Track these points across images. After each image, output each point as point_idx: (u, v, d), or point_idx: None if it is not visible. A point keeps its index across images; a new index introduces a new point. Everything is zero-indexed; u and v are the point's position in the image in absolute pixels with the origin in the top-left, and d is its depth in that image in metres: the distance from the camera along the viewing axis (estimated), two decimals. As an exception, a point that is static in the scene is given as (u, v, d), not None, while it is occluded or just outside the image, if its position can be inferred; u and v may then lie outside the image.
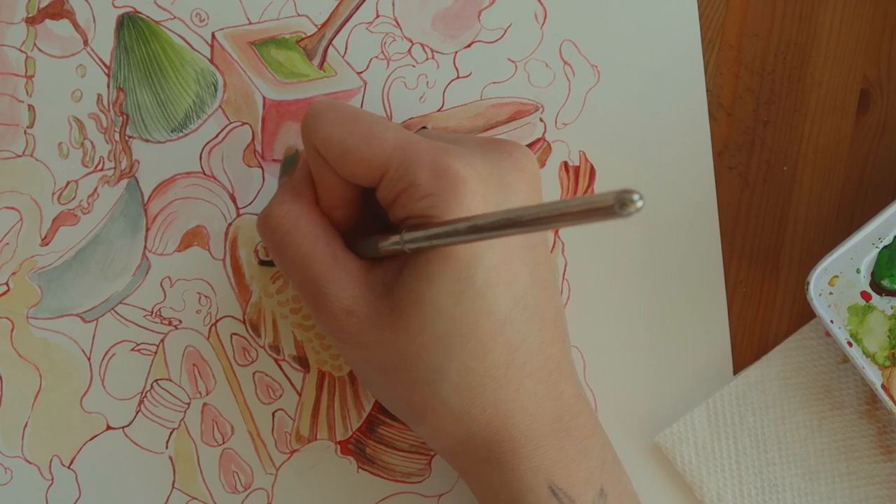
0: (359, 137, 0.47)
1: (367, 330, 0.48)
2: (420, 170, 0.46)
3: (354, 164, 0.47)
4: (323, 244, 0.49)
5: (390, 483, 0.58)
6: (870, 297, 0.54)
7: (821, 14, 0.58)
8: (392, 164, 0.47)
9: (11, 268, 0.57)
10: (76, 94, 0.57)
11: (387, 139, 0.47)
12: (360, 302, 0.48)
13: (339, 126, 0.47)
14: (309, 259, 0.49)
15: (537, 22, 0.58)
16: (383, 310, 0.47)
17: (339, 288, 0.48)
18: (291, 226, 0.49)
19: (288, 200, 0.50)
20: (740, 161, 0.58)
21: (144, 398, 0.57)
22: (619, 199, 0.33)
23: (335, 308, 0.48)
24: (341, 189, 0.49)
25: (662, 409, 0.59)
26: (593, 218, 0.35)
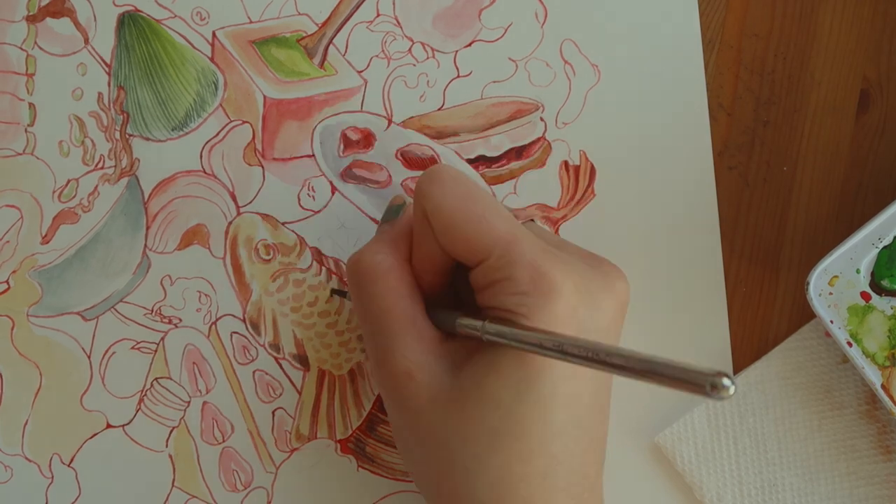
0: (470, 217, 0.47)
1: (422, 398, 0.48)
2: (520, 267, 0.46)
3: (458, 241, 0.47)
4: (405, 304, 0.49)
5: (390, 481, 0.58)
6: (869, 298, 0.54)
7: (821, 14, 0.58)
8: (495, 252, 0.47)
9: (12, 266, 0.57)
10: (77, 92, 0.57)
11: (496, 227, 0.47)
12: (424, 369, 0.48)
13: (453, 200, 0.48)
14: (388, 314, 0.49)
15: (538, 21, 0.58)
16: (444, 385, 0.48)
17: (408, 349, 0.48)
18: (380, 276, 0.49)
19: (383, 251, 0.50)
20: (740, 161, 0.58)
21: (144, 396, 0.57)
22: (712, 383, 0.34)
23: (398, 367, 0.48)
24: (436, 257, 0.49)
25: (662, 409, 0.58)
26: (681, 388, 0.36)
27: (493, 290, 0.47)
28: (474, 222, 0.47)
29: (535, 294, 0.46)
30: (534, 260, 0.46)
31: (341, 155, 0.57)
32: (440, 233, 0.48)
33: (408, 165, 0.57)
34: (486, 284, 0.47)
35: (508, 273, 0.46)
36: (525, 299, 0.46)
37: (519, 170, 0.58)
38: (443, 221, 0.48)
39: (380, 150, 0.57)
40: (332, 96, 0.57)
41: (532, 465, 0.46)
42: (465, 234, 0.47)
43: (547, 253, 0.47)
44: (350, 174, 0.57)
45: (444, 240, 0.48)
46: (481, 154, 0.58)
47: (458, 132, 0.58)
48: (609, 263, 0.51)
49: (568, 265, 0.47)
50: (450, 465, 0.47)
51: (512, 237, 0.47)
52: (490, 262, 0.47)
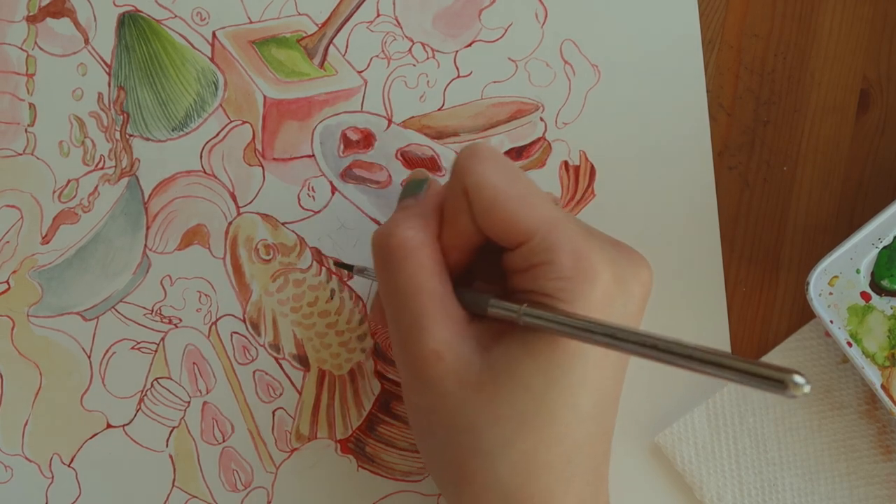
0: (514, 195, 0.46)
1: (450, 380, 0.47)
2: (563, 251, 0.46)
3: (500, 220, 0.47)
4: (435, 282, 0.48)
5: (390, 482, 0.58)
6: (869, 298, 0.54)
7: (821, 14, 0.58)
8: (538, 235, 0.46)
9: (12, 266, 0.57)
10: (77, 92, 0.57)
11: (539, 209, 0.46)
12: (453, 349, 0.47)
13: (498, 177, 0.47)
14: (418, 291, 0.47)
15: (538, 21, 0.58)
16: (473, 367, 0.47)
17: (438, 328, 0.47)
18: (412, 251, 0.48)
19: (414, 226, 0.48)
20: (740, 161, 0.58)
21: (145, 396, 0.57)
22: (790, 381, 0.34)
23: (426, 348, 0.47)
24: (469, 235, 0.48)
25: (662, 409, 0.58)
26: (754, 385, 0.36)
27: (532, 274, 0.46)
28: (518, 201, 0.46)
29: (577, 280, 0.45)
30: (577, 246, 0.46)
31: (341, 155, 0.57)
32: (481, 210, 0.47)
33: (408, 165, 0.57)
34: (526, 267, 0.47)
35: (550, 257, 0.46)
36: (567, 284, 0.45)
37: (519, 170, 0.57)
38: (485, 198, 0.47)
39: (380, 150, 0.57)
40: (332, 96, 0.57)
41: (557, 450, 0.46)
42: (507, 214, 0.46)
43: (588, 239, 0.46)
44: (350, 174, 0.57)
45: (485, 218, 0.47)
46: (481, 154, 0.57)
47: (459, 132, 0.58)
48: (634, 251, 0.50)
49: (605, 252, 0.47)
50: (475, 449, 0.47)
51: (555, 220, 0.46)
52: (532, 243, 0.46)
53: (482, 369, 0.47)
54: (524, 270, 0.47)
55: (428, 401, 0.48)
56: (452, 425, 0.47)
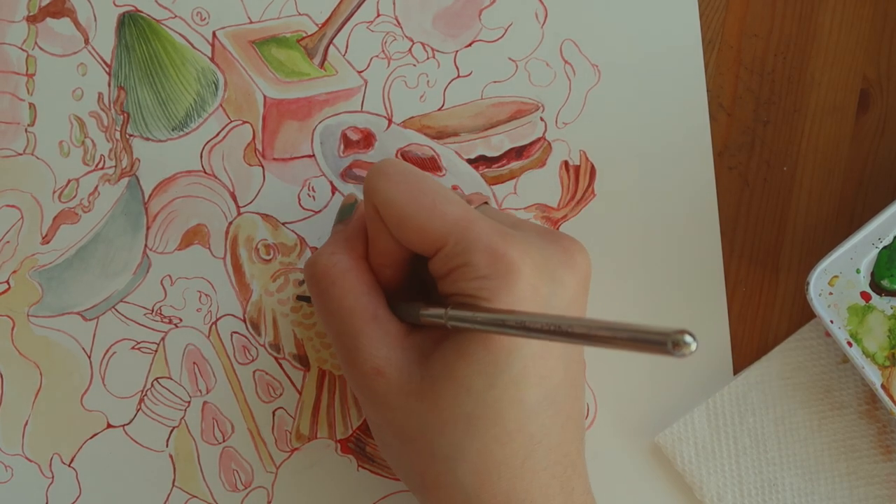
0: (420, 207, 0.47)
1: (394, 393, 0.47)
2: (477, 251, 0.46)
3: (412, 233, 0.47)
4: (366, 301, 0.48)
5: (390, 481, 0.58)
6: (869, 298, 0.54)
7: (821, 14, 0.58)
8: (450, 239, 0.46)
9: (12, 266, 0.57)
10: (77, 92, 0.57)
11: (448, 214, 0.46)
12: (392, 364, 0.47)
13: (402, 192, 0.47)
14: (350, 313, 0.48)
15: (538, 21, 0.57)
16: (414, 377, 0.47)
17: (374, 346, 0.48)
18: (337, 277, 0.49)
19: (338, 252, 0.50)
20: (740, 161, 0.58)
21: (145, 396, 0.57)
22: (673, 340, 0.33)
23: (367, 366, 0.48)
24: (393, 251, 0.49)
25: (662, 409, 0.58)
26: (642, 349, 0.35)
27: (452, 277, 0.47)
28: (426, 211, 0.46)
29: (495, 277, 0.45)
30: (490, 243, 0.46)
31: (341, 155, 0.57)
32: (393, 226, 0.47)
33: (408, 165, 0.57)
34: (446, 272, 0.47)
35: (466, 259, 0.46)
36: (485, 283, 0.45)
37: (519, 170, 0.57)
38: (394, 214, 0.47)
39: (380, 150, 0.57)
40: (333, 96, 0.57)
41: (511, 447, 0.46)
42: (417, 225, 0.47)
43: (503, 234, 0.46)
44: (350, 174, 0.57)
45: (398, 232, 0.47)
46: (481, 154, 0.57)
47: (459, 132, 0.57)
48: (568, 238, 0.49)
49: (525, 244, 0.46)
50: (430, 456, 0.47)
51: (466, 222, 0.46)
52: (446, 249, 0.46)
53: (424, 378, 0.47)
54: (446, 275, 0.47)
55: (379, 415, 0.49)
56: (406, 436, 0.48)
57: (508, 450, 0.46)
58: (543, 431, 0.47)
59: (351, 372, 0.48)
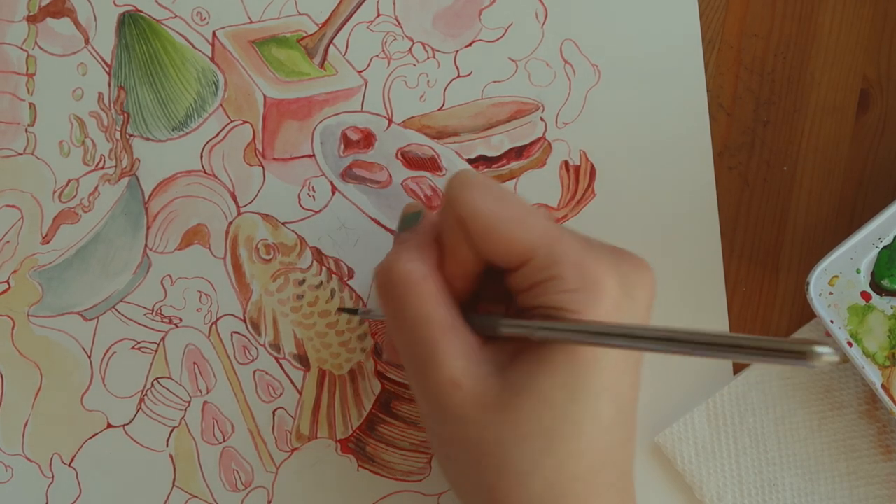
0: (508, 219, 0.46)
1: (469, 406, 0.46)
2: (566, 265, 0.45)
3: (499, 245, 0.46)
4: (444, 311, 0.47)
5: (390, 481, 0.57)
6: (870, 297, 0.54)
7: (821, 14, 0.58)
8: (539, 253, 0.46)
9: (12, 266, 0.57)
10: (77, 92, 0.57)
11: (537, 227, 0.46)
12: (470, 375, 0.46)
13: (490, 203, 0.46)
14: (427, 322, 0.47)
15: (538, 21, 0.57)
16: (492, 389, 0.46)
17: (451, 357, 0.47)
18: (415, 284, 0.47)
19: (414, 258, 0.48)
20: (740, 161, 0.57)
21: (145, 396, 0.57)
22: (812, 352, 0.33)
23: (443, 377, 0.46)
24: (470, 263, 0.48)
25: (662, 409, 0.58)
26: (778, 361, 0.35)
27: (538, 291, 0.46)
28: (514, 223, 0.46)
29: (584, 291, 0.45)
30: (580, 258, 0.45)
31: (342, 155, 0.57)
32: (479, 238, 0.47)
33: (408, 165, 0.57)
34: (531, 285, 0.46)
35: (556, 272, 0.45)
36: (574, 296, 0.45)
37: (519, 170, 0.57)
38: (481, 226, 0.46)
39: (380, 149, 0.57)
40: (333, 96, 0.57)
41: (585, 462, 0.46)
42: (505, 238, 0.46)
43: (589, 250, 0.46)
44: (350, 174, 0.57)
45: (483, 244, 0.47)
46: (481, 154, 0.57)
47: (459, 132, 0.57)
48: (636, 256, 0.49)
49: (608, 261, 0.46)
50: (504, 470, 0.46)
51: (555, 235, 0.46)
52: (535, 262, 0.46)
53: (502, 390, 0.46)
54: (530, 289, 0.47)
55: (451, 430, 0.47)
56: (478, 450, 0.47)
57: (583, 465, 0.46)
58: (613, 447, 0.47)
59: (423, 384, 0.47)
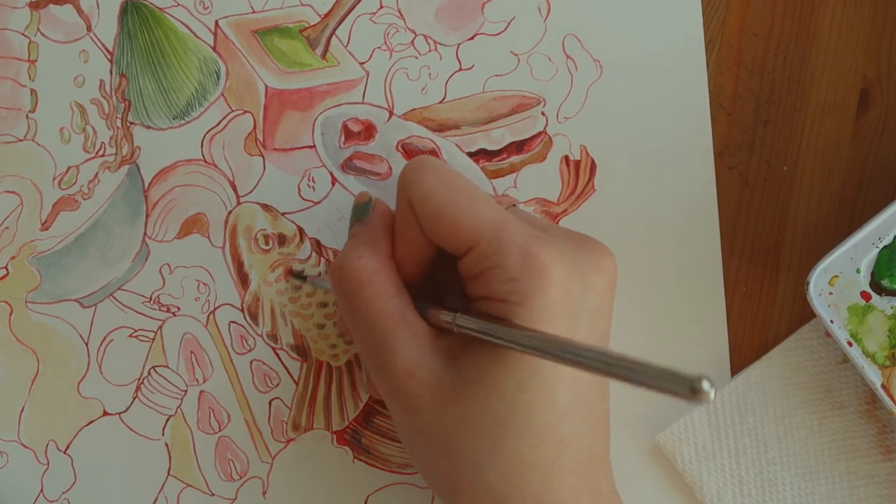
0: (457, 204, 0.47)
1: (425, 396, 0.47)
2: (509, 253, 0.45)
3: (446, 229, 0.47)
4: (395, 303, 0.48)
5: (385, 473, 0.57)
6: (870, 297, 0.53)
7: (821, 14, 0.57)
8: (484, 239, 0.46)
9: (11, 252, 0.57)
10: (79, 79, 0.57)
11: (483, 213, 0.46)
12: (424, 365, 0.47)
13: (440, 187, 0.47)
14: (379, 315, 0.48)
15: (540, 15, 0.57)
16: (445, 379, 0.47)
17: (405, 348, 0.47)
18: (366, 280, 0.48)
19: (365, 254, 0.49)
20: (740, 161, 0.57)
21: (141, 384, 0.57)
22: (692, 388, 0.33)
23: (398, 368, 0.47)
24: (421, 247, 0.49)
25: (662, 409, 0.58)
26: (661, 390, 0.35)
27: (483, 279, 0.46)
28: (462, 208, 0.46)
29: (527, 279, 0.45)
30: (523, 244, 0.45)
31: (342, 146, 0.57)
32: (427, 221, 0.47)
33: (408, 157, 0.57)
34: (477, 273, 0.47)
35: (498, 260, 0.45)
36: (517, 286, 0.45)
37: (519, 164, 0.57)
38: (430, 209, 0.47)
39: (381, 141, 0.57)
40: (334, 87, 0.57)
41: (542, 449, 0.46)
42: (452, 221, 0.46)
43: (535, 237, 0.46)
44: (350, 165, 0.57)
45: (431, 228, 0.47)
46: (482, 147, 0.57)
47: (460, 125, 0.57)
48: (595, 241, 0.50)
49: (557, 247, 0.46)
50: (461, 459, 0.46)
51: (500, 223, 0.46)
52: (479, 248, 0.46)
53: (455, 380, 0.46)
54: (477, 276, 0.47)
55: (410, 420, 0.48)
56: (435, 439, 0.47)
57: (540, 453, 0.46)
58: (574, 433, 0.46)
59: (381, 375, 0.48)
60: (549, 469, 0.46)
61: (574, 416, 0.46)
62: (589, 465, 0.47)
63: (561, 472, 0.46)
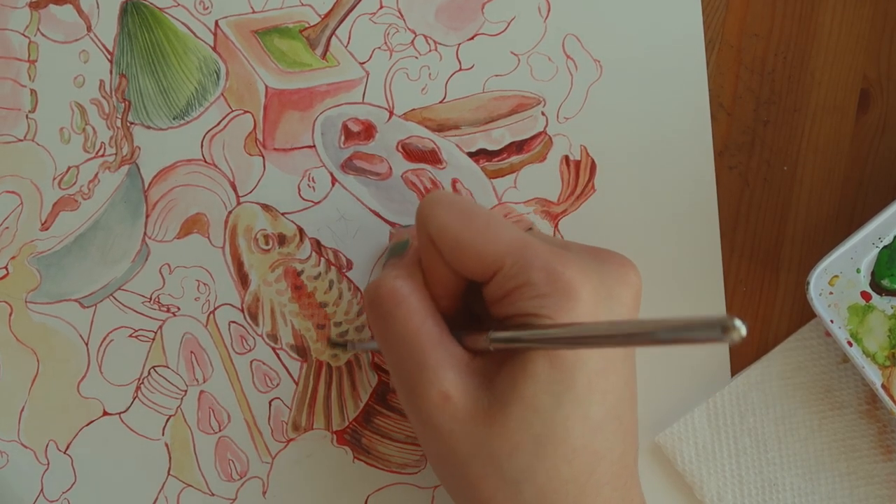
0: (475, 232, 0.46)
1: (460, 419, 0.46)
2: (535, 270, 0.45)
3: (469, 258, 0.46)
4: (431, 324, 0.47)
5: (385, 474, 0.57)
6: (870, 297, 0.53)
7: (821, 14, 0.57)
8: (507, 261, 0.46)
9: (11, 252, 0.56)
10: (79, 79, 0.56)
11: (503, 236, 0.46)
12: (459, 388, 0.46)
13: (455, 218, 0.47)
14: (416, 336, 0.47)
15: (541, 16, 0.57)
16: (481, 402, 0.46)
17: (441, 370, 0.46)
18: (403, 299, 0.48)
19: (401, 275, 0.49)
20: (740, 161, 0.57)
21: (141, 384, 0.56)
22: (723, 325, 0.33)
23: (433, 391, 0.46)
24: (449, 281, 0.48)
25: (662, 409, 0.57)
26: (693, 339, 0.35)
27: (510, 299, 0.46)
28: (481, 235, 0.46)
29: (555, 294, 0.45)
30: (547, 263, 0.45)
31: (342, 146, 0.56)
32: (449, 252, 0.47)
33: (408, 158, 0.56)
34: (503, 295, 0.46)
35: (525, 278, 0.45)
36: (545, 301, 0.45)
37: (519, 164, 0.57)
38: (449, 241, 0.47)
39: (381, 141, 0.56)
40: (334, 87, 0.56)
41: (576, 464, 0.45)
42: (473, 249, 0.46)
43: (559, 254, 0.46)
44: (350, 165, 0.56)
45: (454, 259, 0.47)
46: (482, 147, 0.57)
47: (460, 125, 0.57)
48: (618, 255, 0.49)
49: (581, 263, 0.46)
50: (497, 480, 0.46)
51: (522, 243, 0.46)
52: (504, 271, 0.46)
53: (490, 403, 0.46)
54: (503, 298, 0.46)
55: (443, 443, 0.47)
56: (471, 462, 0.46)
57: (575, 467, 0.45)
58: (607, 446, 0.46)
59: (413, 399, 0.47)
60: (584, 483, 0.46)
61: (607, 429, 0.46)
62: (621, 476, 0.47)
63: (596, 485, 0.46)
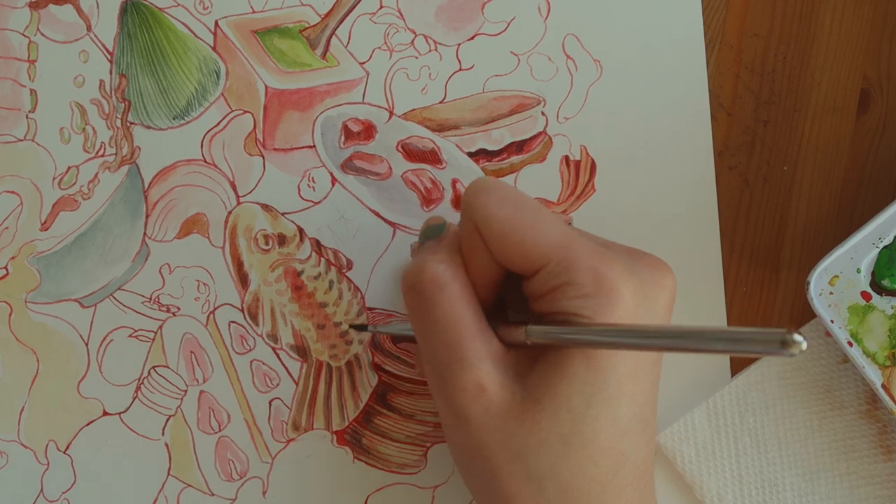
0: (523, 225, 0.46)
1: (493, 412, 0.45)
2: (580, 270, 0.44)
3: (514, 251, 0.46)
4: (472, 312, 0.46)
5: (386, 474, 0.57)
6: (870, 297, 0.53)
7: (821, 14, 0.57)
8: (553, 258, 0.45)
9: (11, 252, 0.56)
10: (78, 79, 0.56)
11: (550, 232, 0.45)
12: (495, 381, 0.46)
13: (504, 209, 0.46)
14: (457, 324, 0.46)
15: (541, 15, 0.56)
16: (514, 396, 0.45)
17: (479, 358, 0.46)
18: (446, 284, 0.46)
19: (444, 260, 0.47)
20: (740, 161, 0.57)
21: (141, 384, 0.56)
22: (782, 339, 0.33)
23: (469, 380, 0.45)
24: (489, 270, 0.47)
25: (662, 409, 0.57)
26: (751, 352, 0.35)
27: (553, 297, 0.45)
28: (528, 229, 0.45)
29: (598, 296, 0.44)
30: (594, 262, 0.45)
31: (342, 146, 0.56)
32: (494, 243, 0.46)
33: (408, 158, 0.56)
34: (546, 291, 0.46)
35: (569, 277, 0.44)
36: (588, 301, 0.44)
37: (519, 164, 0.56)
38: (496, 231, 0.46)
39: (381, 141, 0.56)
40: (334, 87, 0.56)
41: (603, 464, 0.45)
42: (519, 243, 0.45)
43: (603, 255, 0.45)
44: (350, 165, 0.56)
45: (499, 250, 0.46)
46: (482, 147, 0.56)
47: (460, 125, 0.56)
48: (655, 258, 0.49)
49: (624, 265, 0.45)
50: (523, 477, 0.45)
51: (568, 240, 0.45)
52: (549, 268, 0.45)
53: (523, 398, 0.45)
54: (545, 294, 0.46)
55: (474, 438, 0.46)
56: (499, 457, 0.46)
57: (601, 467, 0.45)
58: (631, 448, 0.46)
59: (446, 388, 0.46)
60: (607, 483, 0.45)
61: (632, 432, 0.46)
62: (642, 478, 0.47)
63: (619, 486, 0.46)
